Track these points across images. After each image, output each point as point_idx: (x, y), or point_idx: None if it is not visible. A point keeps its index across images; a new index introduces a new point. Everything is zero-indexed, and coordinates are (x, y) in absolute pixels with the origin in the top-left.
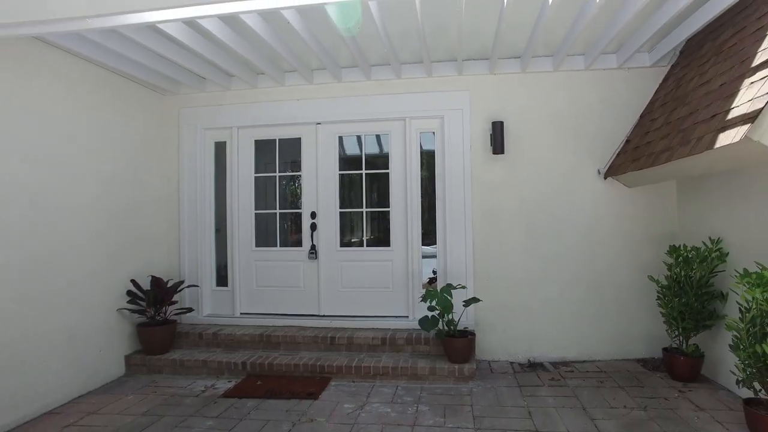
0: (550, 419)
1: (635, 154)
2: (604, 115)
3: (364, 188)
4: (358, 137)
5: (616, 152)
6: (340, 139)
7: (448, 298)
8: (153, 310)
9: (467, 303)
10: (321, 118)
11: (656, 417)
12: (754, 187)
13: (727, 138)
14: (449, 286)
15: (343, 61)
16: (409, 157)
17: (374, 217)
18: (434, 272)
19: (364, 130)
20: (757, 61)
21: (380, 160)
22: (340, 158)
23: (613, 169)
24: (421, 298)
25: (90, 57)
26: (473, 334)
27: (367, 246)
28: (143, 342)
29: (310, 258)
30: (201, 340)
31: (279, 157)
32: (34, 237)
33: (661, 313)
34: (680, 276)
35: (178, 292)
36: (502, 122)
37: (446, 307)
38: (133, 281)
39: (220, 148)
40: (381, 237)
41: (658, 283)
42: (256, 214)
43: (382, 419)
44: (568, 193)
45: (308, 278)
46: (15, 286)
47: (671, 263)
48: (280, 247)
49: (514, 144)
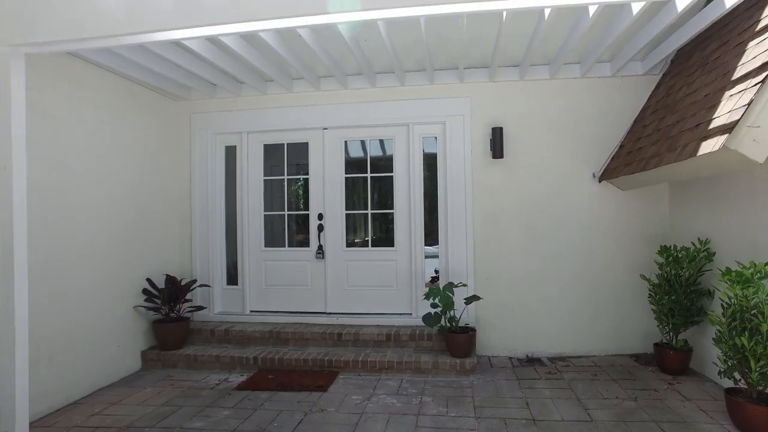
0: (546, 409)
1: (628, 158)
2: (599, 121)
3: (368, 191)
4: (364, 142)
5: (611, 156)
6: (346, 143)
7: (450, 295)
8: (167, 308)
9: (468, 301)
10: (328, 124)
11: (646, 407)
12: (736, 192)
13: (708, 146)
14: (451, 285)
15: (349, 69)
16: (413, 161)
17: (378, 218)
18: (436, 271)
19: (369, 135)
20: (736, 75)
21: (384, 164)
22: (346, 162)
23: (608, 173)
24: (424, 296)
25: (111, 67)
26: (474, 330)
27: (371, 246)
28: (158, 338)
29: (317, 258)
30: (213, 336)
31: (287, 161)
32: (61, 238)
33: (652, 310)
34: (670, 275)
35: (191, 290)
36: (501, 128)
37: (448, 305)
38: (148, 280)
39: (231, 152)
40: (385, 237)
41: (649, 281)
42: (265, 215)
43: (389, 409)
44: (565, 195)
45: (315, 277)
46: (47, 283)
47: (662, 263)
48: (288, 247)
49: (513, 148)
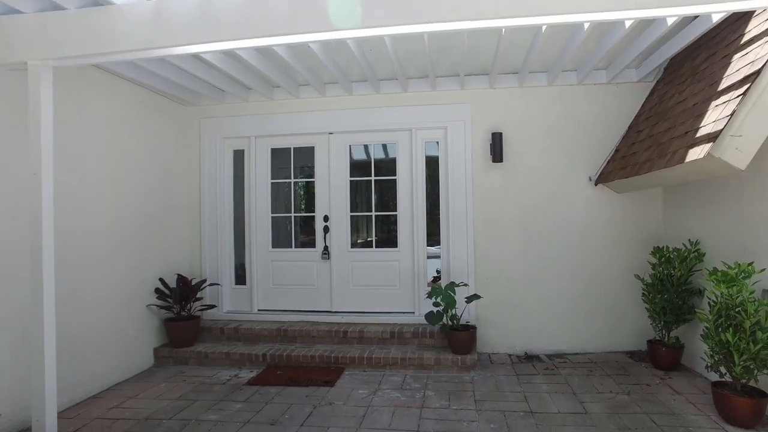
0: (544, 402)
1: (622, 163)
2: (595, 126)
3: (373, 193)
4: (368, 146)
5: (606, 161)
6: (351, 147)
7: (452, 294)
8: (179, 307)
9: (469, 299)
10: (333, 129)
11: (638, 400)
12: (725, 195)
13: (694, 154)
14: (453, 284)
15: (354, 76)
16: (415, 165)
17: (382, 220)
18: (438, 272)
19: (373, 140)
20: (722, 86)
21: (388, 167)
22: (351, 165)
23: (603, 177)
24: (426, 295)
25: (126, 75)
26: (474, 328)
27: (376, 247)
28: (170, 336)
29: (323, 258)
30: (222, 334)
31: (294, 164)
32: (79, 240)
33: (646, 308)
34: (663, 275)
35: (201, 289)
36: (501, 133)
37: (450, 303)
38: (161, 280)
39: (239, 156)
40: (388, 239)
41: (643, 281)
42: (272, 217)
43: (394, 402)
44: (563, 198)
45: (321, 277)
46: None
47: (655, 263)
48: (294, 248)
49: (512, 153)
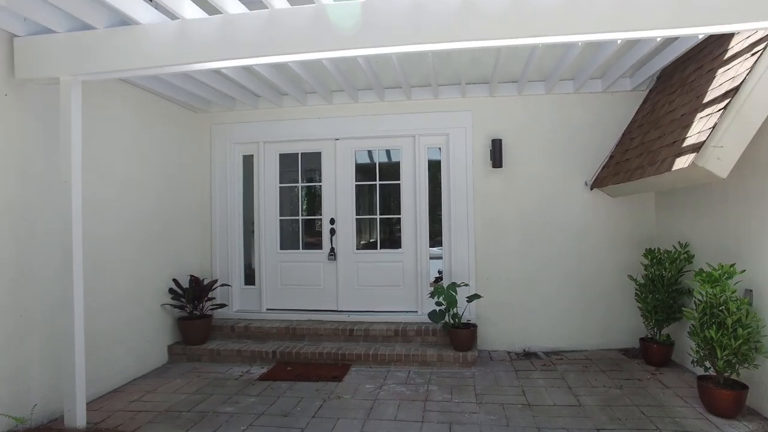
0: (540, 396)
1: (616, 168)
2: (591, 133)
3: (377, 197)
4: (373, 152)
5: (601, 166)
6: (356, 153)
7: (454, 294)
8: (191, 306)
9: (470, 299)
10: (339, 135)
11: (629, 393)
12: (712, 200)
13: (680, 163)
14: (454, 284)
15: (359, 84)
16: (418, 170)
17: (386, 222)
18: (439, 272)
19: (378, 146)
20: (707, 99)
21: (392, 172)
22: (356, 170)
23: (598, 182)
24: (429, 295)
25: (145, 86)
26: (475, 326)
27: (380, 248)
28: (183, 334)
29: (329, 259)
30: (233, 332)
31: (301, 169)
32: (103, 243)
33: (638, 307)
34: (654, 275)
35: (213, 289)
36: (500, 139)
37: (452, 302)
38: (174, 280)
39: (248, 161)
40: (392, 240)
41: (636, 281)
42: (280, 220)
43: (399, 396)
44: (560, 202)
45: (328, 277)
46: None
47: (647, 264)
48: (302, 249)
49: (512, 159)
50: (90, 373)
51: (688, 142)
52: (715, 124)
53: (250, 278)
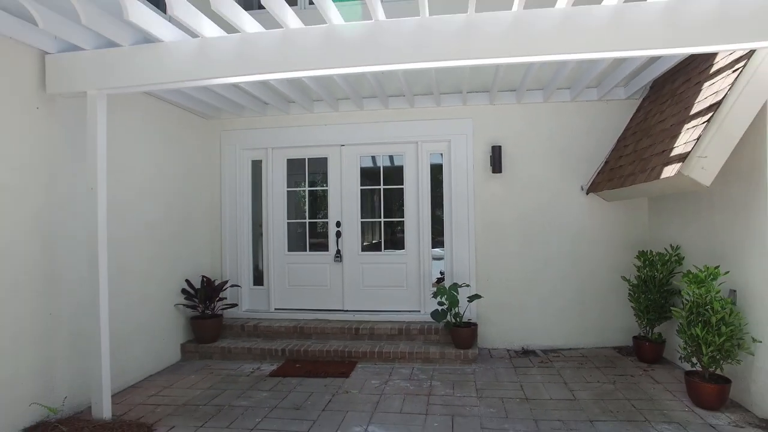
0: (538, 390)
1: (610, 174)
2: (587, 140)
3: (382, 200)
4: (377, 157)
5: (597, 172)
6: (361, 158)
7: (456, 294)
8: (203, 306)
9: (471, 299)
10: (345, 141)
11: (621, 388)
12: (700, 206)
13: (668, 171)
14: (456, 285)
15: (364, 92)
16: (421, 175)
17: (390, 225)
18: (441, 273)
19: (382, 152)
20: (693, 111)
21: (396, 176)
22: (361, 175)
23: (594, 186)
24: (432, 295)
25: (160, 95)
26: (476, 325)
27: (384, 250)
28: (195, 332)
29: (335, 261)
30: (243, 331)
31: (308, 174)
32: (123, 246)
33: (632, 307)
34: (647, 276)
35: (223, 290)
36: (500, 146)
37: (453, 302)
38: (187, 281)
39: (256, 166)
40: (396, 243)
41: (629, 282)
42: (288, 222)
43: (403, 391)
44: (557, 206)
45: (334, 278)
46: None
47: (640, 266)
48: (309, 251)
49: (511, 164)
50: (111, 368)
51: (675, 151)
52: (700, 136)
53: (258, 279)
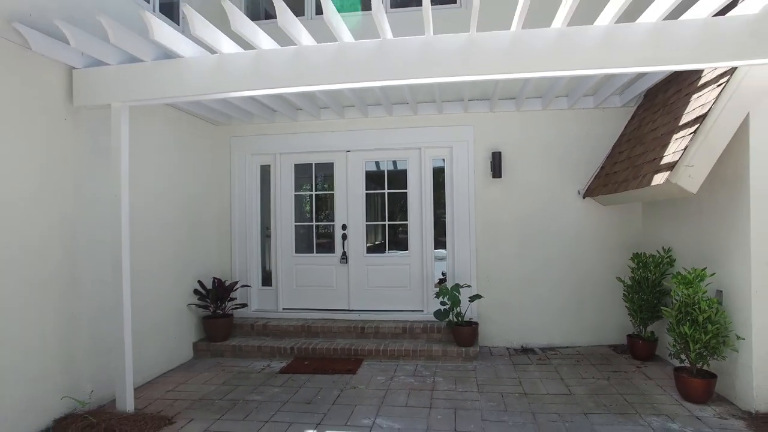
0: (536, 386)
1: (605, 180)
2: (583, 146)
3: (386, 204)
4: (381, 162)
5: (593, 177)
6: (366, 163)
7: (457, 294)
8: (214, 306)
9: (472, 299)
10: (351, 147)
11: (615, 384)
12: (690, 211)
13: (657, 179)
14: (458, 285)
15: (369, 100)
16: (424, 179)
17: (394, 228)
18: (443, 274)
19: (386, 157)
20: (682, 122)
21: (399, 181)
22: (366, 179)
23: (590, 191)
24: (435, 295)
25: (176, 105)
26: (477, 324)
27: (388, 251)
28: (207, 331)
29: (341, 262)
30: (252, 330)
31: (315, 178)
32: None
33: (626, 307)
34: (640, 277)
35: (234, 290)
36: (500, 152)
37: (455, 302)
38: (199, 282)
39: (265, 171)
40: (400, 244)
41: (624, 283)
42: (295, 225)
43: (408, 386)
44: (555, 210)
45: (340, 279)
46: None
47: (634, 267)
48: (315, 253)
49: (510, 169)
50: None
51: (665, 160)
52: (686, 146)
53: (267, 280)
